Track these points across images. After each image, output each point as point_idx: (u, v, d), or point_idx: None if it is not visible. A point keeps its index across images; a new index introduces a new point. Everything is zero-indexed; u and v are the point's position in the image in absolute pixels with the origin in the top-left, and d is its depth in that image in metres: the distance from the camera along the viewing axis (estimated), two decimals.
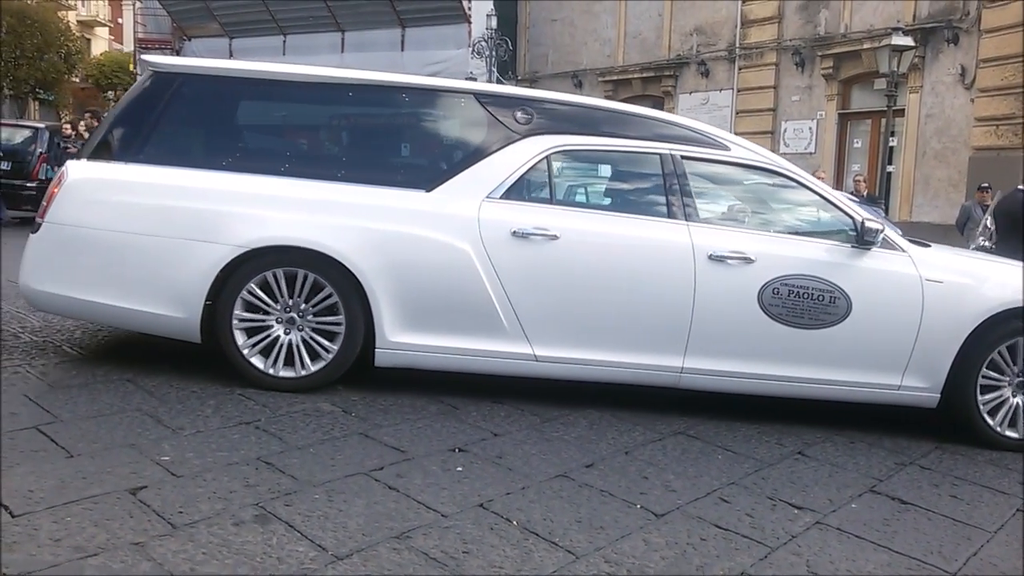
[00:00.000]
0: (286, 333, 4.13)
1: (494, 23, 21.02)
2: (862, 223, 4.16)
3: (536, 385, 4.35)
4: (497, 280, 4.06)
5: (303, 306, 4.11)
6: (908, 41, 14.03)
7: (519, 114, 4.30)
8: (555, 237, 4.08)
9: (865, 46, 16.61)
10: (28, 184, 12.34)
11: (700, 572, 2.66)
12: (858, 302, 4.10)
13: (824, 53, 17.65)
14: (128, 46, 33.76)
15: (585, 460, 3.55)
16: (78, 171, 4.21)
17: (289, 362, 4.13)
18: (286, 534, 2.64)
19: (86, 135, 12.49)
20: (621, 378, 4.22)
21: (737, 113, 19.28)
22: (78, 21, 34.80)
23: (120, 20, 37.80)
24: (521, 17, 24.00)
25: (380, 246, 4.05)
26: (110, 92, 35.07)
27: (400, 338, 4.10)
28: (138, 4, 27.24)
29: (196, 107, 4.41)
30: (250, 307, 4.10)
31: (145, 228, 4.07)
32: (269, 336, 4.12)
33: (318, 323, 4.13)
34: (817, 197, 4.34)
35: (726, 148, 4.36)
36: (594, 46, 22.34)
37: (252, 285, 4.06)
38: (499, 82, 20.79)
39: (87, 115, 12.99)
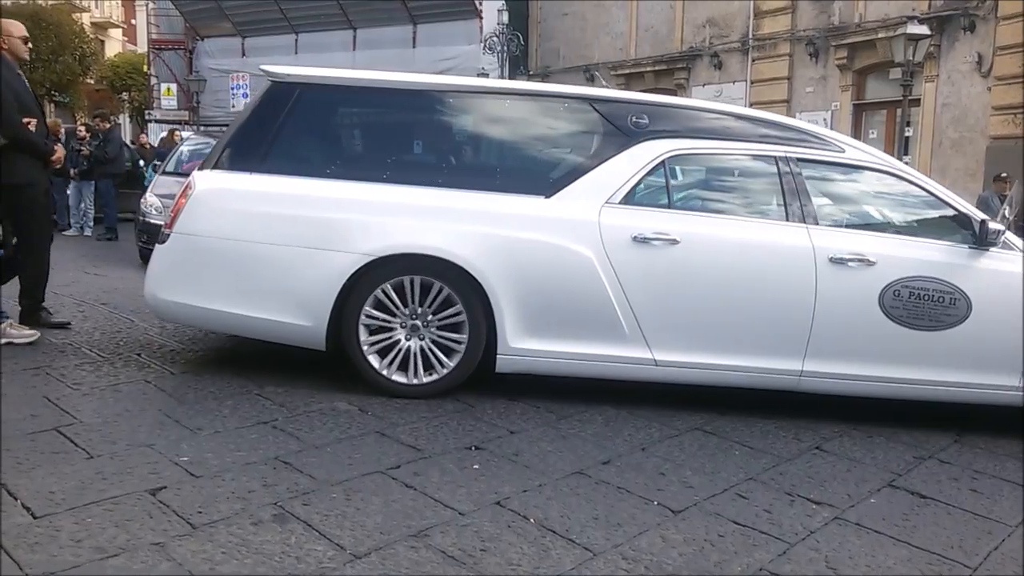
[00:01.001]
0: (408, 339, 4.16)
1: (505, 18, 20.98)
2: (982, 223, 4.13)
3: (550, 383, 4.34)
4: (618, 285, 4.07)
5: (427, 313, 4.13)
6: (923, 30, 13.87)
7: (634, 119, 4.29)
8: (675, 241, 4.08)
9: (880, 35, 16.45)
10: None
11: (718, 569, 2.65)
12: (978, 303, 4.06)
13: (838, 43, 17.50)
14: (142, 47, 33.96)
15: (602, 457, 3.55)
16: (205, 182, 4.23)
17: (412, 368, 4.16)
18: (304, 533, 2.66)
19: (87, 136, 12.48)
20: (740, 382, 4.22)
21: (751, 105, 19.12)
22: (92, 23, 35.04)
23: (133, 21, 38.03)
24: (532, 12, 23.93)
25: (504, 253, 4.07)
26: (124, 93, 35.28)
27: (521, 344, 4.11)
28: (151, 5, 27.41)
29: (316, 116, 4.44)
30: (376, 314, 4.12)
31: (272, 237, 4.10)
32: (394, 343, 4.15)
33: (441, 329, 4.15)
34: (933, 198, 4.30)
35: (840, 150, 4.35)
36: (606, 40, 22.26)
37: (378, 292, 4.08)
38: (511, 78, 20.77)
39: (96, 118, 12.99)
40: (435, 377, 4.17)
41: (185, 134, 15.02)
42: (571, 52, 23.03)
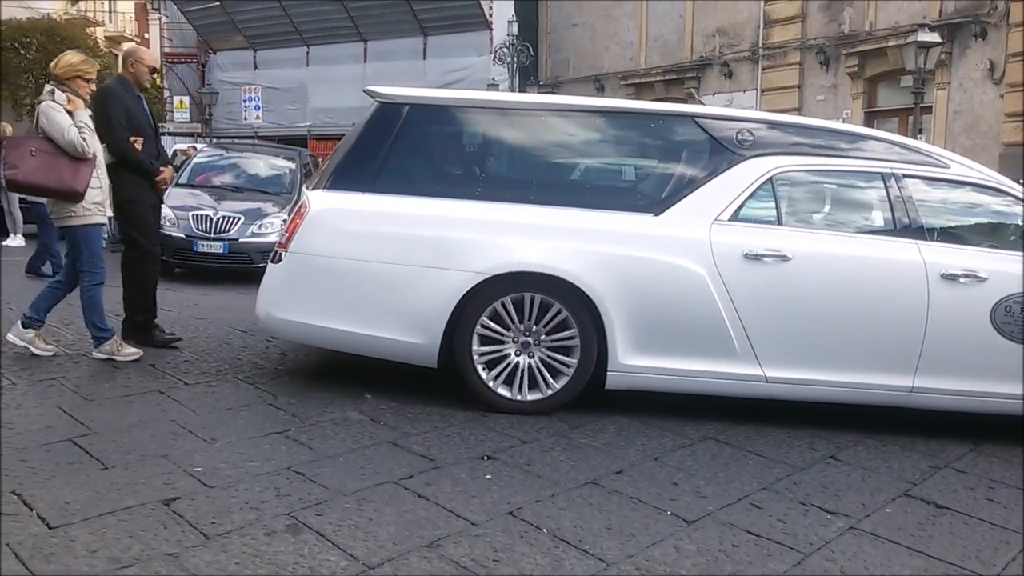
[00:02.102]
0: (517, 355, 4.18)
1: (515, 29, 21.04)
2: None
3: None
4: (730, 302, 4.08)
5: (538, 330, 4.15)
6: (934, 37, 13.84)
7: (739, 136, 4.32)
8: (787, 258, 4.09)
9: (890, 43, 16.43)
10: None
11: None
12: None
13: (849, 51, 17.48)
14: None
15: (614, 467, 3.54)
16: (320, 202, 4.27)
17: (528, 385, 4.18)
18: (317, 544, 2.66)
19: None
20: (850, 398, 4.22)
21: None
22: (106, 37, 35.30)
23: (146, 35, 38.32)
24: (542, 23, 24.01)
25: (615, 270, 4.09)
26: None
27: (632, 361, 4.13)
28: (164, 19, 27.64)
29: (425, 136, 4.50)
30: (488, 331, 4.15)
31: (386, 256, 4.16)
32: (506, 360, 4.17)
33: (553, 346, 4.17)
34: None
35: (946, 166, 4.35)
36: (615, 49, 22.30)
37: (491, 311, 4.12)
38: (520, 90, 20.83)
39: None
40: (559, 386, 4.18)
41: (199, 146, 15.13)
42: (581, 62, 23.09)
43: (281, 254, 4.29)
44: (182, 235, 9.12)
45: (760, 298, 4.10)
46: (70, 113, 4.61)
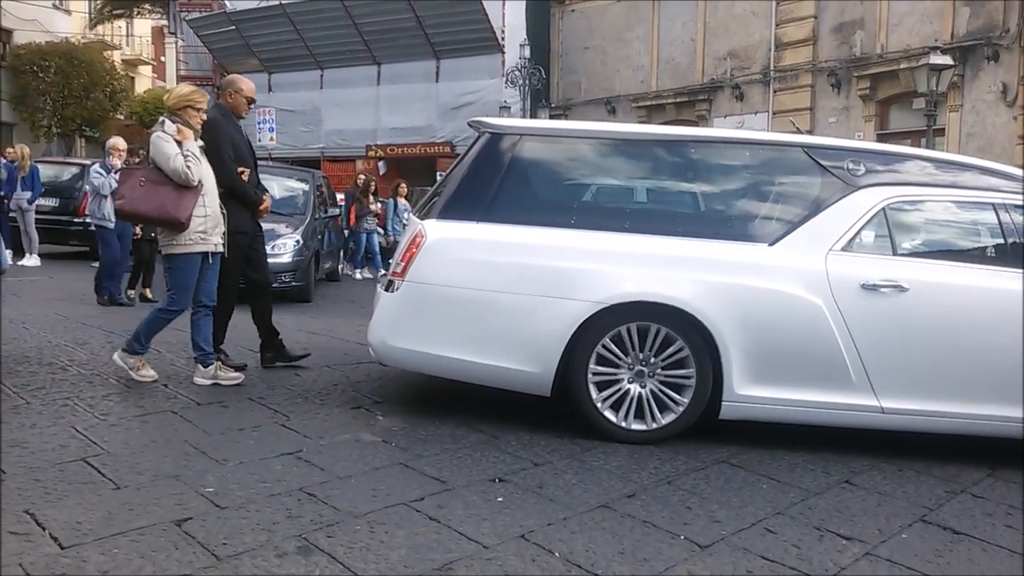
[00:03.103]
0: (631, 383, 4.18)
1: (527, 52, 21.19)
2: None
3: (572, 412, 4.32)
4: (847, 333, 4.07)
5: (653, 360, 4.16)
6: (946, 60, 13.85)
7: (850, 166, 4.33)
8: (904, 289, 4.09)
9: (902, 66, 16.45)
10: (75, 220, 12.62)
11: None
12: None
13: (860, 74, 17.52)
14: (171, 83, 34.63)
15: (627, 490, 3.51)
16: (435, 231, 4.30)
17: (639, 415, 4.18)
18: (328, 566, 2.65)
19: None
20: (966, 429, 4.18)
21: None
22: (123, 60, 35.75)
23: (163, 58, 38.78)
24: (554, 46, 24.18)
25: (731, 300, 4.10)
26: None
27: (747, 391, 4.13)
28: (180, 42, 27.96)
29: (537, 166, 4.54)
30: (603, 361, 4.15)
31: (503, 286, 4.19)
32: (620, 389, 4.18)
33: (667, 377, 4.17)
34: None
35: None
36: (627, 72, 22.42)
37: (607, 340, 4.13)
38: (532, 112, 20.95)
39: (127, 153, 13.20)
40: (673, 417, 4.17)
41: None
42: (593, 85, 23.22)
43: (396, 283, 4.30)
44: None
45: (877, 329, 4.08)
46: (178, 143, 4.66)
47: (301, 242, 9.77)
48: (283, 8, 23.41)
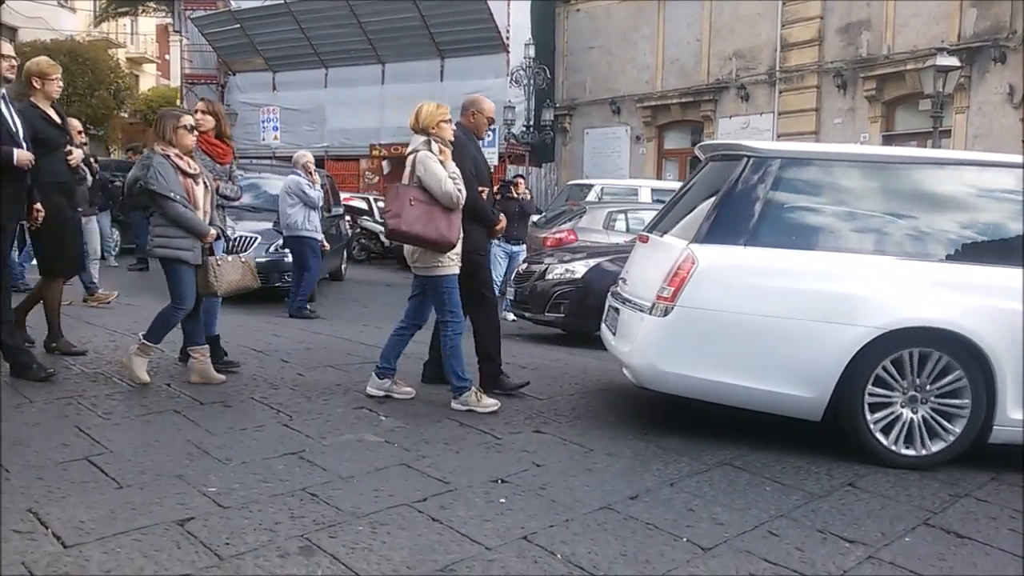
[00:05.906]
0: (903, 407, 4.15)
1: (532, 52, 21.17)
2: None
3: (577, 412, 4.31)
4: None
5: (928, 387, 4.14)
6: (953, 61, 13.80)
7: None
8: None
9: (909, 67, 16.39)
10: None
11: None
12: None
13: (867, 75, 17.45)
14: (175, 82, 34.63)
15: (630, 492, 3.51)
16: (706, 256, 4.27)
17: (908, 440, 4.16)
18: (331, 566, 2.65)
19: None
20: None
21: (778, 136, 19.10)
22: (127, 58, 35.78)
23: (167, 56, 38.79)
24: (559, 45, 24.12)
25: (1008, 325, 4.07)
26: None
27: (1018, 415, 4.11)
28: (185, 41, 28.00)
29: (801, 189, 4.51)
30: (881, 382, 4.13)
31: (777, 310, 4.17)
32: (892, 413, 4.15)
33: (939, 404, 4.15)
34: None
35: None
36: (632, 72, 22.37)
37: (887, 362, 4.11)
38: (536, 112, 20.90)
39: (130, 151, 13.33)
40: (945, 444, 4.14)
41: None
42: (598, 85, 23.17)
43: (667, 307, 4.25)
44: None
45: None
46: (442, 163, 4.63)
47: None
48: (288, 7, 23.43)
